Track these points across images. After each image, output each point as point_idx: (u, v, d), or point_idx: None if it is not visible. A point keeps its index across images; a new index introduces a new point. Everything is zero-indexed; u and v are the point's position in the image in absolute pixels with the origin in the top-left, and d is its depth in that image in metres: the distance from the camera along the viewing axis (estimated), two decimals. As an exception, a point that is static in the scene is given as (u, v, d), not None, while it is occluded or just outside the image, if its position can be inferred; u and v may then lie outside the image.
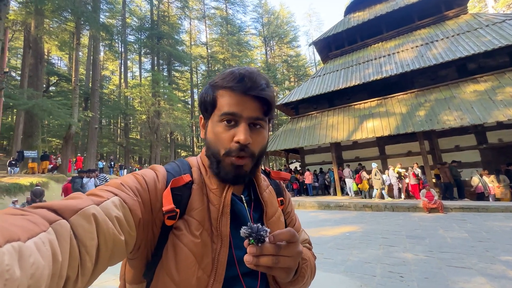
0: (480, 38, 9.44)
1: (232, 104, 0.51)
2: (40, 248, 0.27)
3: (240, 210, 0.56)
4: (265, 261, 0.40)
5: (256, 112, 0.52)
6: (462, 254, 3.95)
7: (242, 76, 0.51)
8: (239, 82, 0.51)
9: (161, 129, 22.21)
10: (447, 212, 7.35)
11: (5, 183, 8.82)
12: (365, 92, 12.13)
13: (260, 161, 0.57)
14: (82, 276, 0.33)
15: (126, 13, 25.66)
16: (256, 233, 0.40)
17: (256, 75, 0.52)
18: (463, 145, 10.11)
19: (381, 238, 5.12)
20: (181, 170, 0.57)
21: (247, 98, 0.51)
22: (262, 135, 0.55)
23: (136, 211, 0.44)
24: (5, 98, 9.36)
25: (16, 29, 16.34)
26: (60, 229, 0.32)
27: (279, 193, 0.70)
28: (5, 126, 18.64)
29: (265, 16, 38.21)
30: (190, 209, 0.51)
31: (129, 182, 0.48)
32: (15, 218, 0.29)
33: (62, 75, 22.79)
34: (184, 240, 0.48)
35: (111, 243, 0.38)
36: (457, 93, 9.24)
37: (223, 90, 0.53)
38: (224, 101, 0.52)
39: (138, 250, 0.48)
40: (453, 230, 5.42)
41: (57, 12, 13.13)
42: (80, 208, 0.35)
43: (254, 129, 0.53)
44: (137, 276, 0.50)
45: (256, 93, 0.51)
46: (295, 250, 0.42)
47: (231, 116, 0.51)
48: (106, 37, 19.06)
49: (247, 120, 0.52)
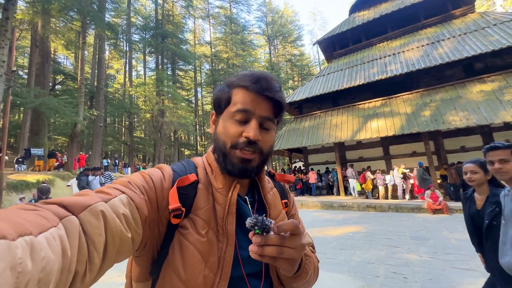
0: (488, 38, 9.30)
1: (246, 102, 0.54)
2: (51, 243, 0.28)
3: (244, 211, 0.57)
4: (270, 251, 0.40)
5: (268, 112, 0.55)
6: (467, 255, 3.91)
7: (259, 78, 0.54)
8: (255, 83, 0.53)
9: (165, 127, 22.34)
10: (452, 213, 7.28)
11: (12, 180, 8.97)
12: (369, 91, 12.04)
13: (267, 160, 0.58)
14: (90, 272, 0.34)
15: (131, 12, 25.82)
16: (261, 223, 0.41)
17: (271, 78, 0.55)
18: (469, 146, 9.99)
19: (385, 239, 5.10)
20: (187, 169, 0.58)
21: (261, 98, 0.54)
22: (270, 135, 0.56)
23: (142, 209, 0.45)
24: (13, 97, 9.50)
25: (23, 28, 16.58)
26: (70, 225, 0.33)
27: (283, 196, 0.70)
28: (12, 124, 18.93)
29: (269, 15, 38.11)
30: (196, 208, 0.52)
31: (137, 180, 0.49)
32: (27, 213, 0.30)
33: (68, 73, 23.04)
34: (190, 239, 0.49)
35: (118, 240, 0.39)
36: (463, 93, 9.12)
37: (239, 88, 0.55)
38: (238, 99, 0.55)
39: (144, 248, 0.49)
40: (458, 231, 5.36)
41: (63, 12, 13.29)
42: (89, 204, 0.36)
43: (263, 130, 0.55)
44: (143, 273, 0.51)
45: (270, 94, 0.53)
46: (299, 242, 0.43)
47: (243, 112, 0.53)
48: (111, 36, 19.25)
49: (258, 119, 0.54)
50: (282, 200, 0.68)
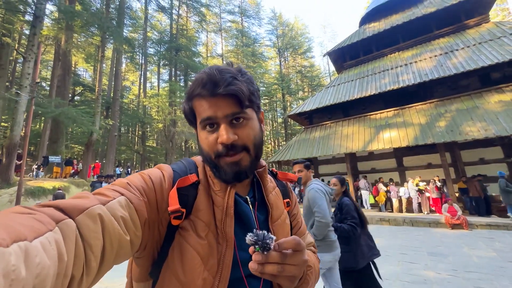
0: (504, 47, 9.06)
1: (206, 109, 0.51)
2: (46, 248, 0.27)
3: (244, 212, 0.56)
4: (270, 269, 0.39)
5: (231, 108, 0.51)
6: (490, 274, 3.66)
7: (205, 80, 0.50)
8: (204, 87, 0.50)
9: (176, 137, 22.74)
10: (472, 229, 6.89)
11: (30, 186, 9.31)
12: (381, 102, 11.88)
13: (259, 154, 0.56)
14: (87, 276, 0.34)
15: (147, 27, 27.07)
16: (262, 240, 0.39)
17: (220, 71, 0.51)
18: (488, 158, 9.56)
19: (400, 254, 4.87)
20: (188, 169, 0.57)
21: (216, 99, 0.50)
22: (249, 127, 0.53)
23: (142, 211, 0.44)
24: (35, 107, 10.04)
25: (48, 44, 17.66)
26: (66, 229, 0.32)
27: (285, 195, 0.69)
28: (33, 133, 19.87)
29: (279, 28, 38.86)
30: (197, 210, 0.51)
31: (136, 181, 0.49)
32: (22, 217, 0.30)
33: (87, 85, 24.16)
34: (190, 241, 0.49)
35: (116, 243, 0.38)
36: (480, 103, 8.83)
37: (195, 99, 0.53)
38: (199, 109, 0.53)
39: (144, 249, 0.48)
40: (480, 248, 5.06)
41: (85, 27, 14.12)
42: (86, 207, 0.36)
43: (238, 124, 0.52)
44: (143, 274, 0.51)
45: (222, 90, 0.49)
46: (301, 259, 0.42)
47: (208, 120, 0.51)
48: (128, 50, 20.13)
49: (226, 119, 0.51)
50: (284, 199, 0.68)
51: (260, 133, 0.57)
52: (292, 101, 33.49)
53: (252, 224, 0.56)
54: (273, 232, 0.58)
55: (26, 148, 8.48)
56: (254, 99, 0.55)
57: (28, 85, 9.35)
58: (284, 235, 0.61)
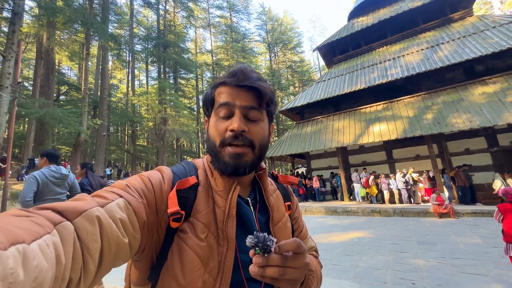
0: (487, 40, 9.33)
1: (226, 96, 0.54)
2: (44, 251, 0.27)
3: (245, 213, 0.55)
4: (271, 272, 0.39)
5: (249, 101, 0.54)
6: (476, 260, 3.83)
7: (235, 71, 0.54)
8: (232, 77, 0.54)
9: (167, 135, 22.43)
10: (459, 217, 7.16)
11: (16, 190, 9.01)
12: (371, 96, 12.05)
13: (262, 155, 0.57)
14: (84, 279, 0.33)
15: (134, 24, 26.36)
16: (262, 243, 0.39)
17: (249, 70, 0.55)
18: (473, 148, 9.90)
19: (391, 244, 5.01)
20: (187, 171, 0.57)
21: (240, 89, 0.54)
22: (260, 126, 0.55)
23: (141, 213, 0.44)
24: (18, 108, 9.66)
25: (29, 41, 16.96)
26: (64, 231, 0.32)
27: (286, 198, 0.69)
28: (17, 135, 19.15)
29: (269, 23, 38.63)
30: (196, 212, 0.51)
31: (135, 183, 0.48)
32: (20, 219, 0.29)
33: (72, 84, 23.42)
34: (190, 243, 0.48)
35: (114, 245, 0.38)
36: (465, 96, 9.10)
37: (219, 87, 0.56)
38: (220, 96, 0.55)
39: (143, 252, 0.47)
40: (466, 235, 5.27)
41: (68, 24, 13.58)
42: (84, 210, 0.35)
43: (250, 121, 0.54)
44: (142, 278, 0.50)
45: (248, 83, 0.53)
46: (302, 262, 0.41)
47: (225, 106, 0.53)
48: (114, 47, 19.59)
49: (241, 109, 0.53)
50: (285, 202, 0.67)
51: (268, 138, 0.58)
52: (283, 97, 33.53)
53: (253, 226, 0.55)
54: (274, 235, 0.58)
55: (10, 150, 8.16)
56: (272, 107, 0.59)
57: (9, 85, 8.97)
58: (286, 238, 0.60)
